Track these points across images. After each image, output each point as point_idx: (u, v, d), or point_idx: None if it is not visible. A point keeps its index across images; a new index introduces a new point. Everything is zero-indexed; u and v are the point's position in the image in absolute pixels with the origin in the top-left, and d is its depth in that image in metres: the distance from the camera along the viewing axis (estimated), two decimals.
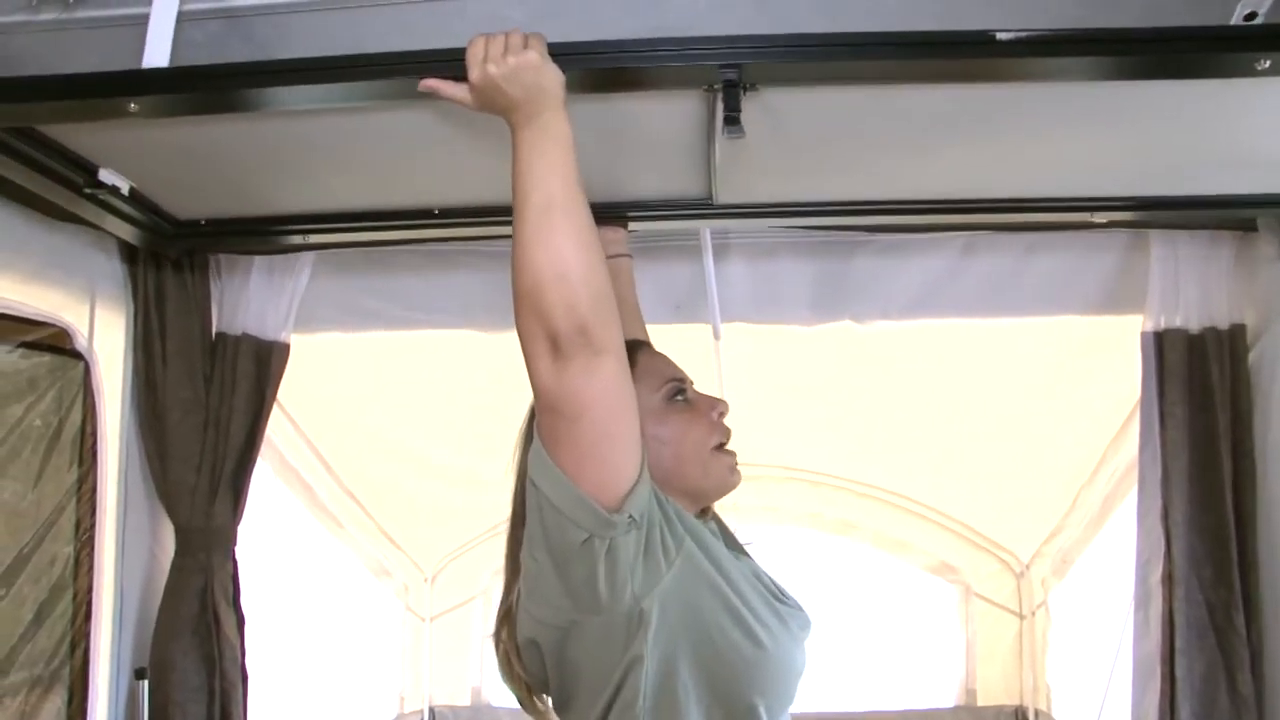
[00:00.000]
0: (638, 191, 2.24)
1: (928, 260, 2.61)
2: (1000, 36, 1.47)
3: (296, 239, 2.45)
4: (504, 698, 3.99)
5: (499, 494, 3.82)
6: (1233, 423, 2.46)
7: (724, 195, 2.17)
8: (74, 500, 2.45)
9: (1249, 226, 2.42)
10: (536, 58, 1.41)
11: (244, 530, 2.73)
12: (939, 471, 3.61)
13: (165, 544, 2.72)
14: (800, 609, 1.64)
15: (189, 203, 2.35)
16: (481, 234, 2.40)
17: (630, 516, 1.38)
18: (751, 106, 1.58)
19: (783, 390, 2.90)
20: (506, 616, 1.62)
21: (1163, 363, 2.50)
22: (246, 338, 2.68)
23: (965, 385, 3.18)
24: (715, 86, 1.58)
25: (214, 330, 2.71)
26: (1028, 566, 3.83)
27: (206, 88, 1.64)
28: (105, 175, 2.06)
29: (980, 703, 3.91)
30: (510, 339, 2.78)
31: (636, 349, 1.67)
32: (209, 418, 2.67)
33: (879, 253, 2.60)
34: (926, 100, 1.72)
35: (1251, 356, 2.49)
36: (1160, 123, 1.84)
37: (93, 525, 2.50)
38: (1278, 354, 2.41)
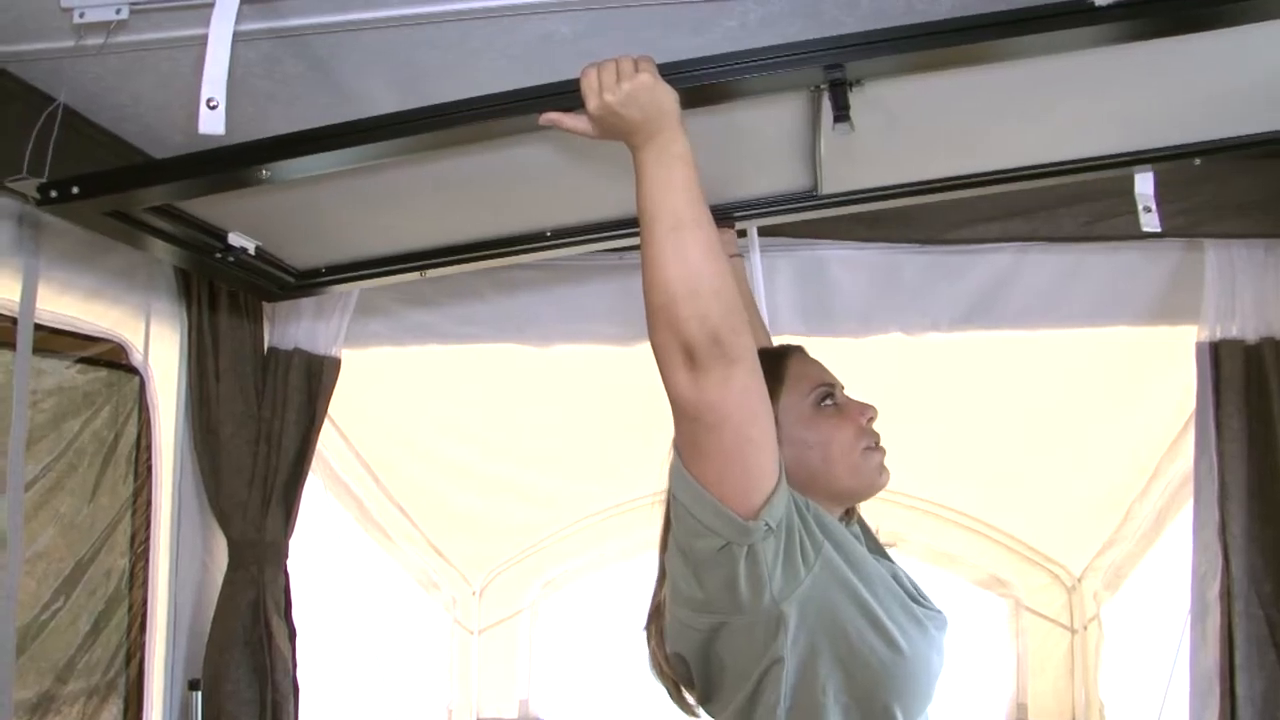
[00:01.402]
0: (744, 191, 2.25)
1: (978, 271, 2.60)
2: (1099, 3, 1.48)
3: (414, 275, 2.45)
4: (551, 710, 4.02)
5: (546, 507, 3.85)
6: None
7: (829, 186, 2.17)
8: (129, 513, 2.48)
9: None
10: (650, 79, 1.43)
11: (295, 543, 2.76)
12: (988, 484, 3.58)
13: (218, 557, 2.76)
14: (938, 611, 1.66)
15: (308, 253, 2.39)
16: (593, 249, 2.41)
17: (767, 524, 1.40)
18: (856, 101, 1.59)
19: None
20: (656, 613, 1.66)
21: (1219, 374, 2.47)
22: (298, 352, 2.71)
23: (1015, 397, 3.15)
24: (821, 87, 1.59)
25: (266, 345, 2.75)
26: (1079, 580, 3.78)
27: (337, 145, 1.69)
28: (234, 239, 2.12)
29: (1031, 718, 3.86)
30: (558, 353, 2.84)
31: (788, 355, 1.71)
32: (261, 432, 2.70)
33: (929, 264, 2.59)
34: (1019, 72, 1.71)
35: None
36: (1221, 68, 1.81)
37: (147, 538, 2.53)
38: None
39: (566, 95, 1.53)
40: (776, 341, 2.61)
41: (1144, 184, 2.26)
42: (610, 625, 3.96)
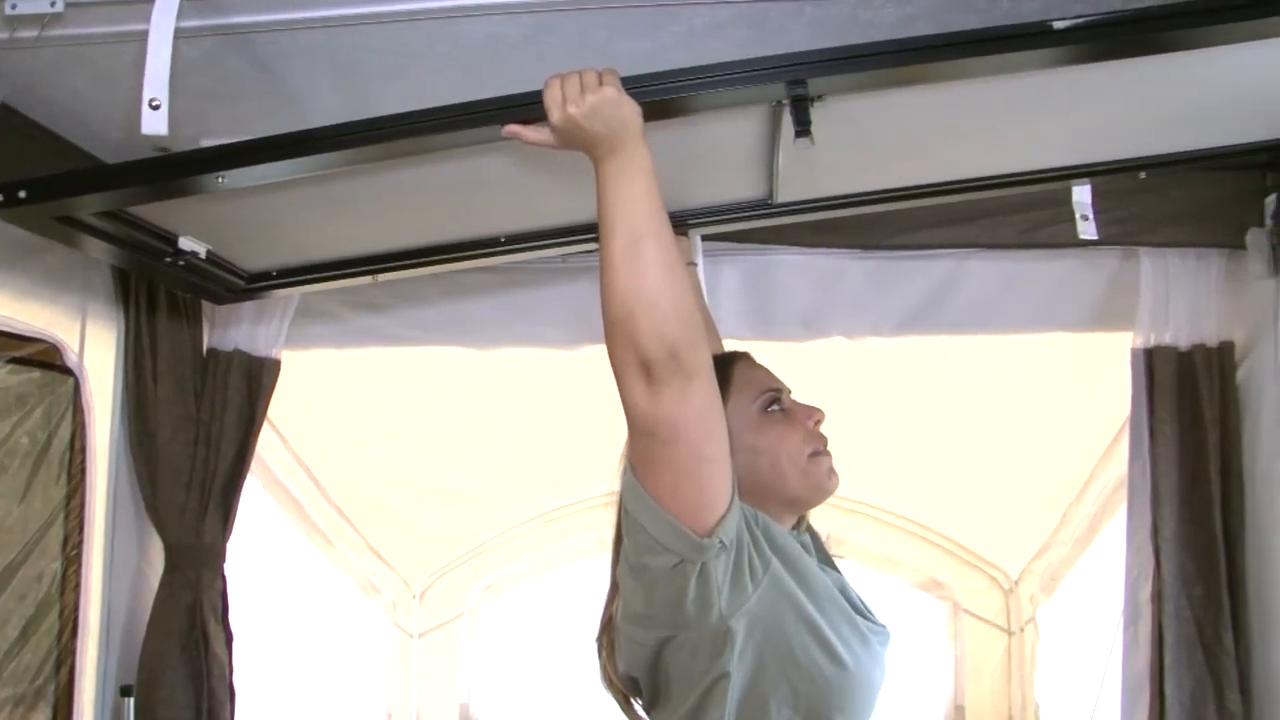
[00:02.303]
0: (699, 199, 2.25)
1: (920, 277, 2.63)
2: (1057, 25, 1.51)
3: (366, 279, 2.42)
4: (491, 714, 4.00)
5: (488, 511, 3.83)
6: (1222, 440, 2.48)
7: (784, 195, 2.18)
8: (62, 516, 2.44)
9: (1237, 245, 2.44)
10: (614, 93, 1.42)
11: (233, 547, 2.72)
12: (928, 488, 3.62)
13: (154, 560, 2.71)
14: (882, 625, 1.67)
15: (259, 256, 2.35)
16: (548, 255, 2.41)
17: (721, 541, 1.40)
18: (816, 115, 1.60)
19: None
20: (608, 625, 1.65)
21: (1152, 380, 2.52)
22: (238, 354, 2.68)
23: (955, 402, 3.19)
24: (783, 101, 1.61)
25: (205, 346, 2.71)
26: (1016, 583, 3.83)
27: (295, 153, 1.67)
28: (185, 243, 2.09)
29: (969, 719, 3.91)
30: (499, 356, 2.83)
31: (734, 361, 1.70)
32: (199, 434, 2.67)
33: (872, 270, 2.61)
34: (975, 87, 1.74)
35: (1240, 373, 2.51)
36: (1167, 87, 1.86)
37: (80, 541, 2.49)
38: (1265, 371, 2.43)
39: (526, 107, 1.52)
40: (733, 343, 2.64)
41: (1082, 194, 2.31)
42: (552, 630, 3.96)
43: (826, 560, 1.80)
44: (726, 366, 1.65)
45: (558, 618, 3.93)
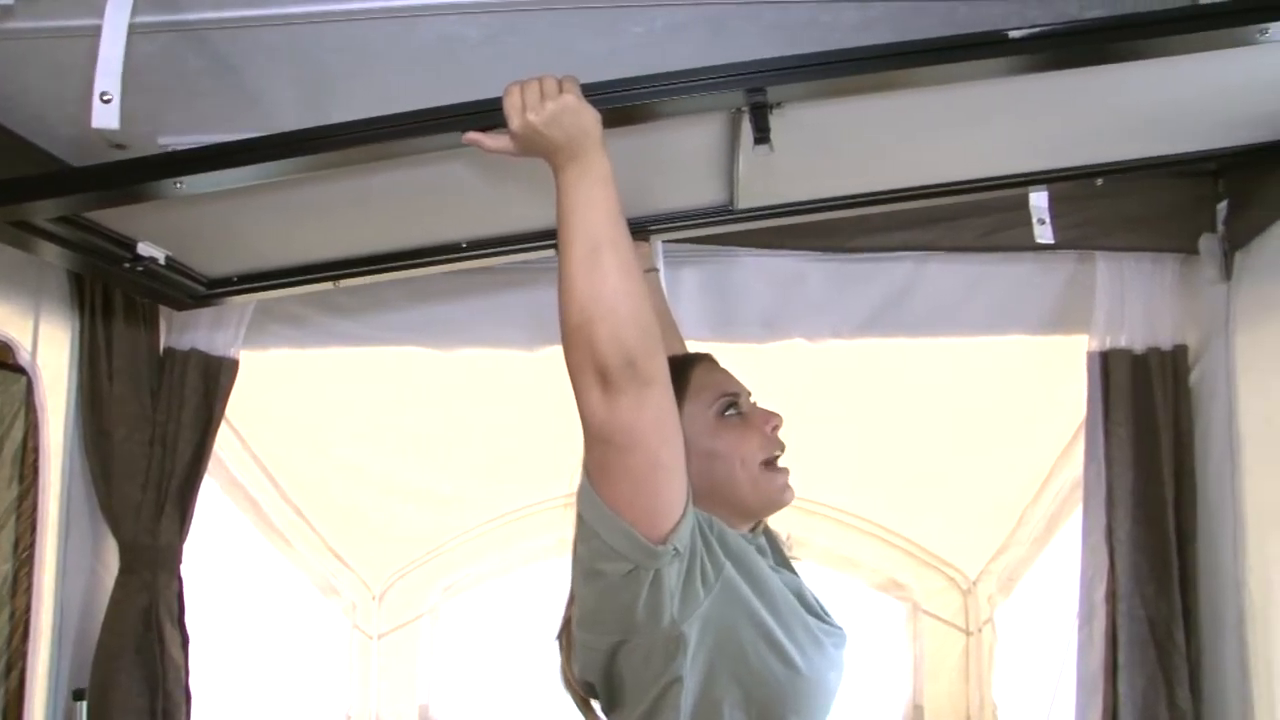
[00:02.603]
0: (660, 205, 2.26)
1: (880, 279, 2.64)
2: (1013, 35, 1.53)
3: (328, 285, 2.41)
4: (451, 716, 3.98)
5: (448, 512, 3.81)
6: (1175, 442, 2.51)
7: (744, 201, 2.19)
8: (13, 517, 2.41)
9: (1191, 250, 2.47)
10: (574, 100, 1.42)
11: (190, 548, 2.69)
12: (888, 489, 3.64)
13: (108, 562, 2.68)
14: (838, 628, 1.66)
15: (219, 262, 2.33)
16: (509, 261, 2.40)
17: (675, 549, 1.40)
18: (775, 122, 1.62)
19: None
20: (567, 626, 1.65)
21: (1108, 382, 2.55)
22: (195, 354, 2.66)
23: (914, 404, 3.21)
24: (743, 109, 1.61)
25: (162, 345, 2.68)
26: (975, 583, 3.86)
27: (253, 159, 1.65)
28: (143, 248, 2.06)
29: (927, 719, 3.93)
30: (460, 356, 2.82)
31: (693, 364, 1.69)
32: (155, 434, 2.64)
33: (832, 272, 2.63)
34: (934, 95, 1.76)
35: (1193, 377, 2.55)
36: (1122, 96, 1.89)
37: (33, 543, 2.45)
38: (1217, 374, 2.45)
39: (487, 114, 1.52)
40: (695, 344, 2.64)
41: (1039, 199, 2.34)
42: (512, 631, 3.95)
43: (783, 562, 1.80)
44: (685, 369, 1.65)
45: (518, 619, 3.92)
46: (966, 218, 2.49)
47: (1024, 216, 2.41)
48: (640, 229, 2.25)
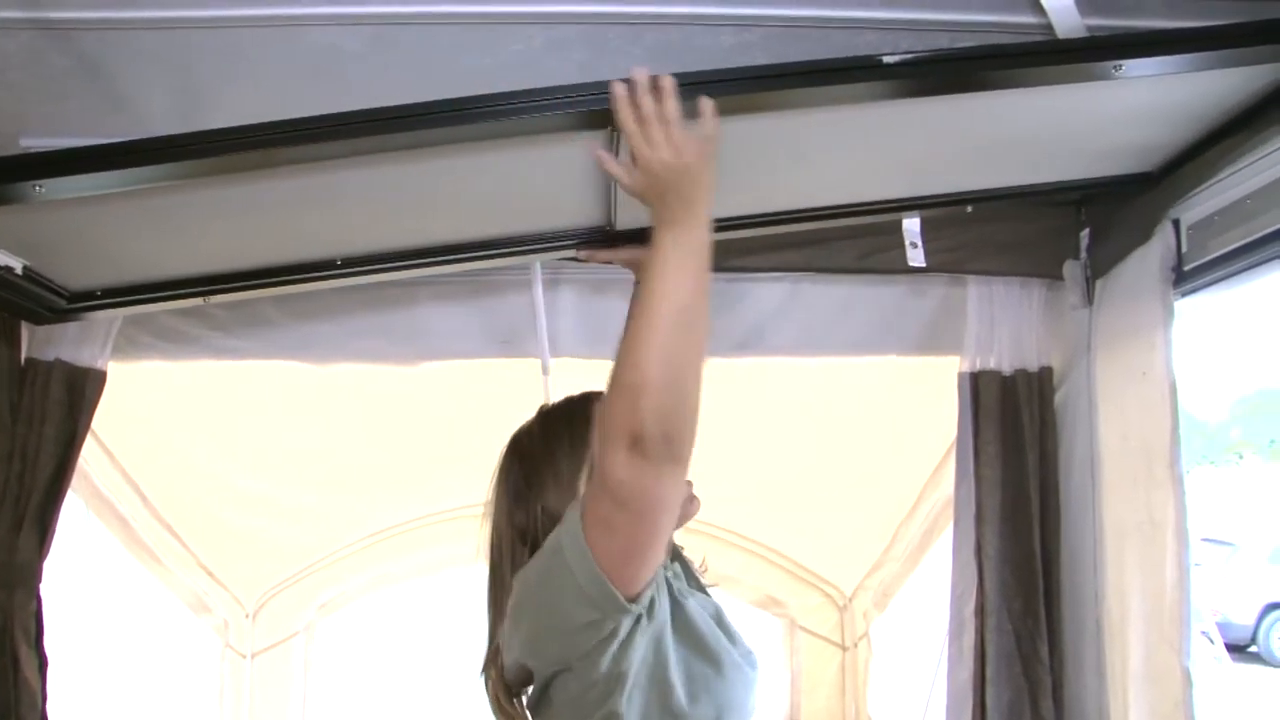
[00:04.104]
0: (538, 225, 2.25)
1: (756, 300, 2.67)
2: (887, 60, 1.59)
3: (198, 300, 2.36)
4: None
5: (322, 527, 3.75)
6: (1040, 460, 2.59)
7: (624, 221, 2.20)
8: None
9: (1056, 275, 2.57)
10: (710, 158, 1.44)
11: (50, 566, 2.59)
12: (765, 507, 3.68)
13: None
14: (751, 650, 1.72)
15: (82, 273, 2.25)
16: (384, 279, 2.38)
17: (643, 608, 1.46)
18: None
19: None
20: (495, 656, 1.65)
21: (978, 402, 2.61)
22: (60, 364, 2.55)
23: (790, 423, 3.25)
24: (619, 127, 1.61)
25: (23, 355, 2.58)
26: (850, 600, 3.93)
27: (118, 164, 1.60)
28: None
29: None
30: (335, 371, 2.77)
31: (593, 399, 1.70)
32: (15, 448, 2.53)
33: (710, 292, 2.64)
34: (811, 120, 1.80)
35: (1057, 398, 2.63)
36: (989, 125, 1.96)
37: None
38: (1080, 395, 2.55)
39: (367, 123, 1.51)
40: (557, 362, 2.65)
41: (911, 224, 2.41)
42: (390, 648, 3.90)
43: (697, 585, 1.83)
44: (589, 404, 1.71)
45: (395, 636, 3.87)
46: (841, 240, 2.53)
47: (897, 240, 2.49)
48: (518, 248, 2.28)
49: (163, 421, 3.17)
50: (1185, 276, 2.20)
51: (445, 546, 3.81)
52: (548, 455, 1.69)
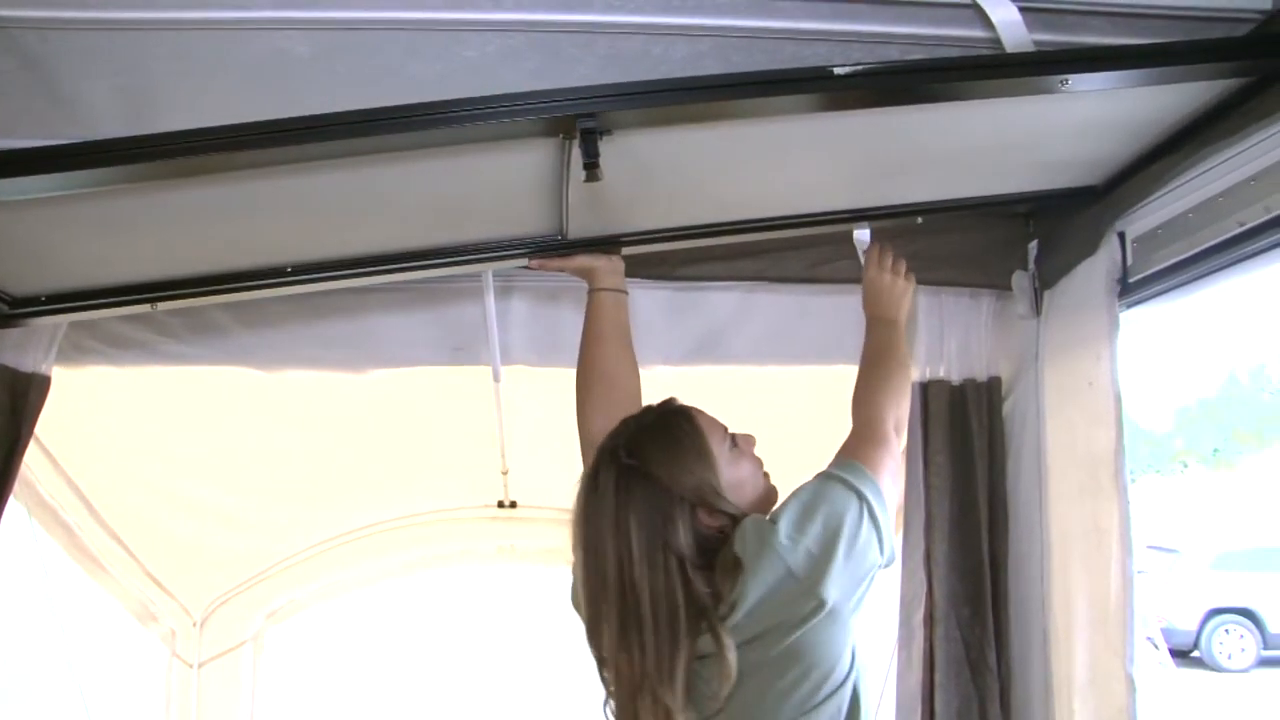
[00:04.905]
0: (489, 233, 2.25)
1: (708, 309, 2.67)
2: (837, 71, 1.61)
3: (146, 307, 2.33)
4: None
5: (270, 534, 3.71)
6: (989, 469, 2.62)
7: (575, 230, 2.20)
8: None
9: (1005, 286, 2.59)
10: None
11: None
12: None
13: None
14: None
15: (25, 279, 2.22)
16: (334, 287, 2.38)
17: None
18: (606, 150, 1.64)
19: (561, 433, 2.92)
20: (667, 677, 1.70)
21: (927, 412, 2.63)
22: (2, 370, 2.51)
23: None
24: (572, 135, 1.63)
25: None
26: None
27: (63, 167, 1.59)
28: None
29: None
30: (288, 378, 2.74)
31: (692, 411, 1.91)
32: None
33: (661, 300, 2.64)
34: (763, 130, 1.82)
35: (1006, 407, 2.66)
36: (939, 138, 1.99)
37: None
38: (1028, 405, 2.58)
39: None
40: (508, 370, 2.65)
41: (862, 234, 2.43)
42: (339, 656, 3.87)
43: None
44: (691, 417, 1.87)
45: (344, 644, 3.85)
46: (793, 250, 2.55)
47: (846, 250, 2.51)
48: (470, 256, 2.28)
49: (109, 428, 3.11)
50: (1130, 288, 2.23)
51: (395, 555, 3.79)
52: (682, 467, 1.79)
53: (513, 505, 3.78)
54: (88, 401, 2.87)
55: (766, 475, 1.95)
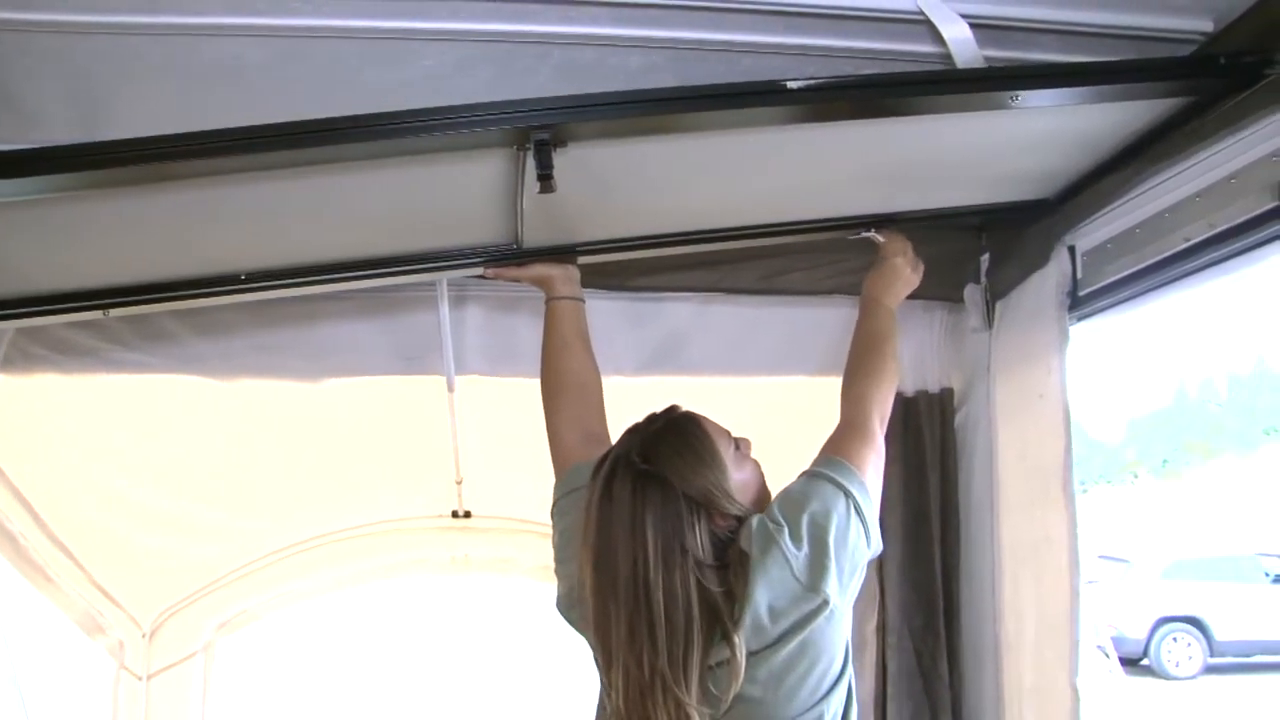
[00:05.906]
0: (444, 242, 2.25)
1: (662, 320, 2.68)
2: (790, 85, 1.63)
3: (97, 314, 2.30)
4: None
5: (221, 544, 3.66)
6: (941, 480, 2.65)
7: (530, 240, 2.20)
8: None
9: (957, 299, 2.62)
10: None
11: None
12: None
13: None
14: None
15: None
16: (289, 294, 2.36)
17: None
18: (560, 161, 1.65)
19: (516, 443, 2.91)
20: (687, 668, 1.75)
21: None
22: None
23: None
24: (526, 146, 1.64)
25: None
26: None
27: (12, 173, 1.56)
28: None
29: None
30: (237, 387, 2.71)
31: (699, 416, 1.96)
32: None
33: (615, 310, 2.63)
34: (719, 142, 1.84)
35: (958, 418, 2.69)
36: (892, 150, 2.02)
37: None
38: (979, 416, 2.60)
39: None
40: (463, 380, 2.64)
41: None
42: (290, 668, 3.82)
43: None
44: (699, 422, 1.93)
45: (297, 655, 3.80)
46: (746, 261, 2.56)
47: (799, 262, 2.53)
48: (424, 265, 2.28)
49: (56, 435, 3.07)
50: (1080, 301, 2.26)
51: (348, 564, 3.76)
52: (695, 471, 1.84)
53: (467, 515, 3.78)
54: (35, 407, 2.83)
55: (763, 476, 2.02)
